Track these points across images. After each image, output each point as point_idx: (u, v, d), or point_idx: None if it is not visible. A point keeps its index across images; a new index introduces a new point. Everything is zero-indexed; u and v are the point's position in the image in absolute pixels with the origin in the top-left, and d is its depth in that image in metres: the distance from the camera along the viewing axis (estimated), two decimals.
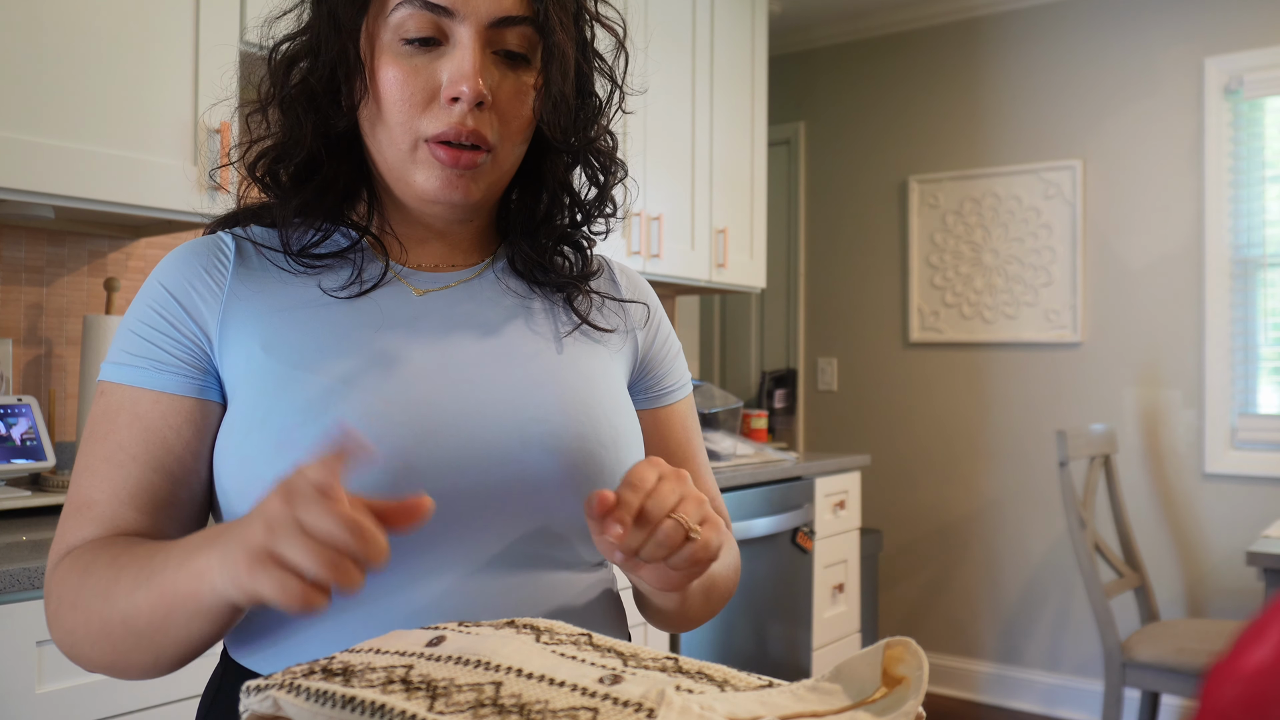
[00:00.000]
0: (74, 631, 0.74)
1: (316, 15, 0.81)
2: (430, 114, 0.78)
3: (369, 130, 0.81)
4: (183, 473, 0.79)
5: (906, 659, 0.58)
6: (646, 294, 0.97)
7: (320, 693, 0.53)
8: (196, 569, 0.66)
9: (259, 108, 0.84)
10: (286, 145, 0.82)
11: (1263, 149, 3.25)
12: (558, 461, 0.79)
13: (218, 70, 1.78)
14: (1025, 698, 3.57)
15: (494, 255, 0.91)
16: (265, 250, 0.84)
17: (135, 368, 0.79)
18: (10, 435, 1.66)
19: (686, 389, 0.98)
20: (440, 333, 0.82)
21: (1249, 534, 3.18)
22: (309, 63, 0.81)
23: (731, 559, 0.92)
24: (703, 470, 0.98)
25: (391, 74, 0.78)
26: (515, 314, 0.87)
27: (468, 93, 0.76)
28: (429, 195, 0.80)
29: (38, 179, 1.56)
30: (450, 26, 0.77)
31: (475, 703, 0.52)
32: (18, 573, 1.27)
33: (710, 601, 0.88)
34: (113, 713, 1.37)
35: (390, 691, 0.53)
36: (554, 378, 0.83)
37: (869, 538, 3.50)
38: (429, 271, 0.87)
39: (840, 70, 4.02)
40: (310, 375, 0.77)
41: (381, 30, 0.78)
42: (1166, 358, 3.36)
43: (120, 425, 0.78)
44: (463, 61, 0.76)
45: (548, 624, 0.65)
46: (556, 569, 0.81)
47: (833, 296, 4.04)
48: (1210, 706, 0.30)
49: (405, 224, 0.86)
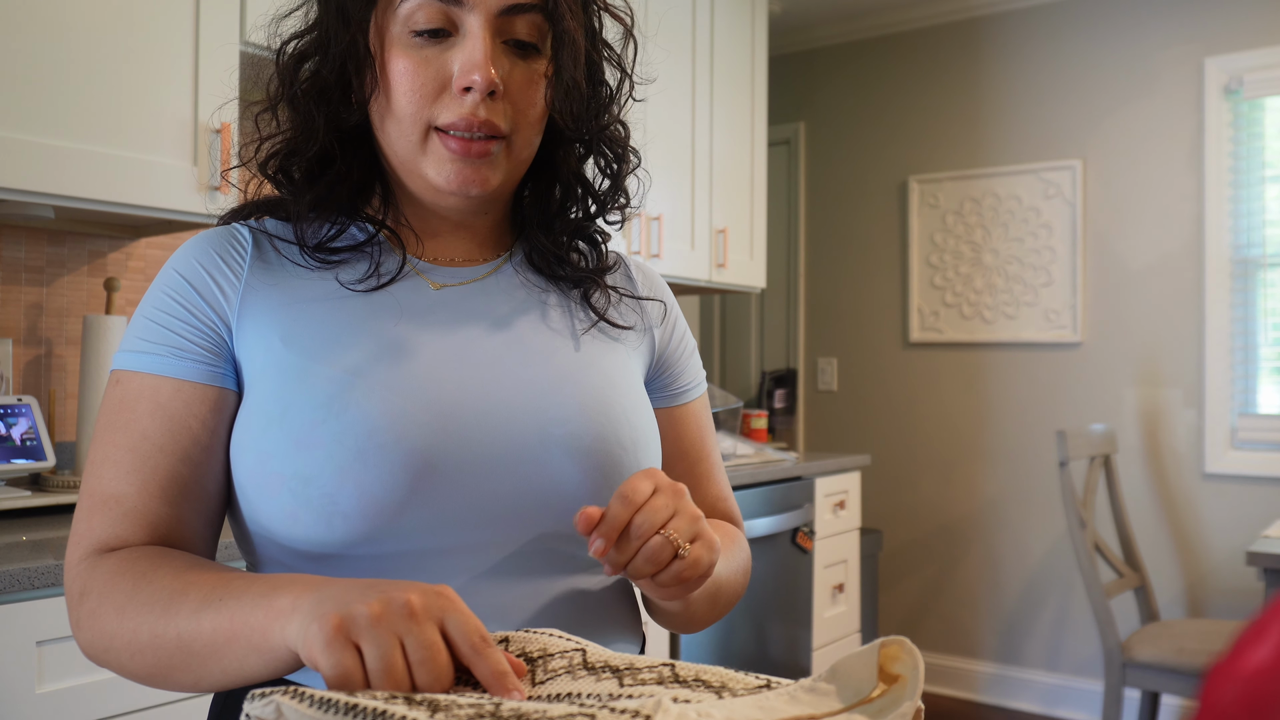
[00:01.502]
0: (114, 636, 0.70)
1: (324, 11, 0.80)
2: (441, 104, 0.77)
3: (379, 124, 0.81)
4: (207, 462, 0.78)
5: (902, 657, 0.58)
6: (663, 291, 0.97)
7: (324, 700, 0.53)
8: (277, 607, 0.63)
9: (268, 106, 0.84)
10: (299, 142, 0.82)
11: (1263, 149, 3.25)
12: (578, 464, 0.79)
13: (218, 70, 1.78)
14: (1025, 698, 3.57)
15: (511, 249, 0.90)
16: (280, 243, 0.83)
17: (155, 355, 0.77)
18: (10, 435, 1.66)
19: (701, 388, 0.98)
20: (459, 328, 0.82)
21: (1249, 534, 3.18)
22: (319, 58, 0.80)
23: (740, 561, 0.91)
24: (715, 470, 0.97)
25: (402, 65, 0.77)
26: (533, 310, 0.86)
27: (480, 81, 0.76)
28: (445, 187, 0.79)
29: (38, 179, 1.56)
30: (459, 16, 0.77)
31: (475, 715, 0.52)
32: (18, 573, 1.27)
33: (716, 606, 0.87)
34: (113, 713, 1.37)
35: (393, 704, 0.53)
36: (573, 378, 0.82)
37: (869, 538, 3.50)
38: (446, 265, 0.86)
39: (840, 70, 4.02)
40: (329, 369, 0.76)
41: (390, 22, 0.78)
42: (1166, 358, 3.36)
43: (142, 414, 0.76)
44: (474, 51, 0.76)
45: (541, 645, 0.65)
46: (574, 572, 0.81)
47: (833, 296, 4.04)
48: (1210, 706, 0.30)
49: (420, 217, 0.86)
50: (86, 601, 0.72)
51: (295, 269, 0.82)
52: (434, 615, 0.59)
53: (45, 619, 1.31)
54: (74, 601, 0.73)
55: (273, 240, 0.83)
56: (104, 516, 0.75)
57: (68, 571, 0.75)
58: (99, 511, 0.75)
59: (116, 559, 0.72)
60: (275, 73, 0.83)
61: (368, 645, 0.57)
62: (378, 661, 0.56)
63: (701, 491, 0.96)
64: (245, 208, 0.87)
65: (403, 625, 0.57)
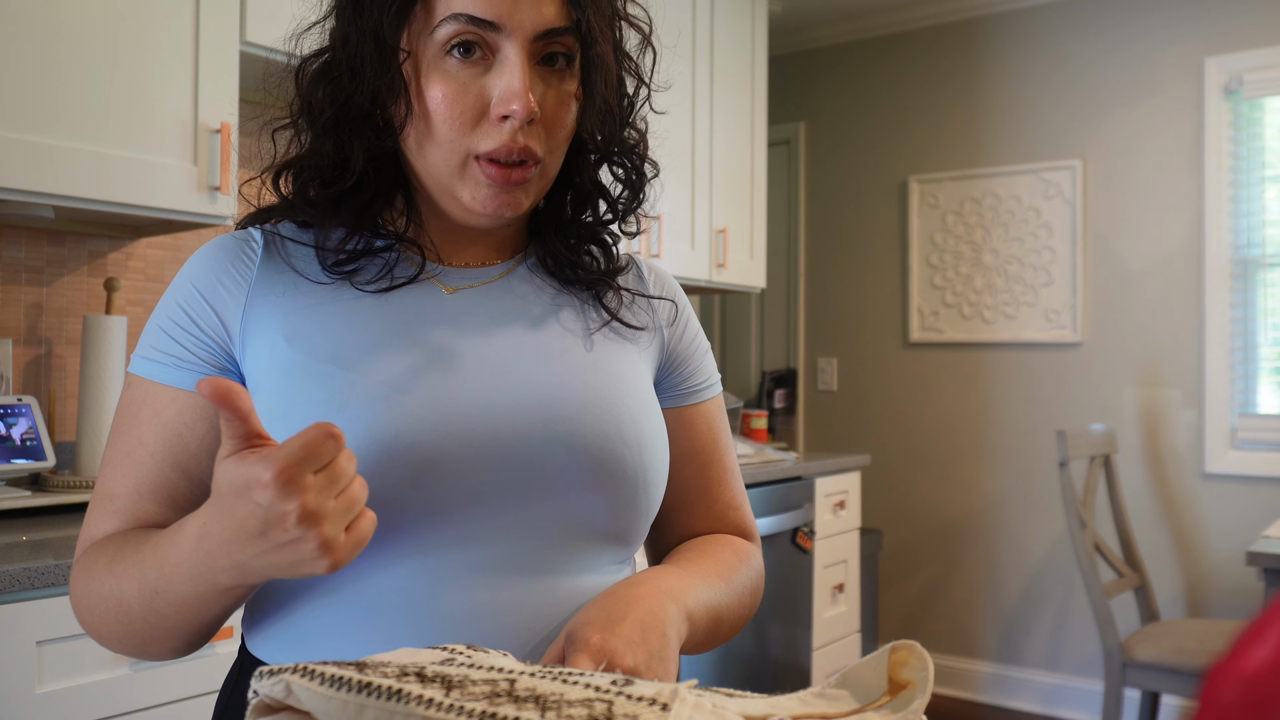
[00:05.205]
0: (100, 597, 0.75)
1: (356, 35, 0.79)
2: (481, 131, 0.77)
3: (415, 149, 0.80)
4: (198, 470, 0.79)
5: (911, 662, 0.59)
6: (674, 291, 0.97)
7: (335, 678, 0.53)
8: (190, 534, 0.68)
9: (290, 122, 0.83)
10: (331, 170, 0.81)
11: (1263, 149, 3.25)
12: (580, 461, 0.79)
13: (218, 70, 1.78)
14: (1025, 698, 3.57)
15: (524, 253, 0.90)
16: (293, 245, 0.84)
17: (157, 363, 0.80)
18: (10, 435, 1.66)
19: (714, 390, 0.97)
20: (469, 329, 0.82)
21: (1249, 534, 3.18)
22: (352, 84, 0.79)
23: (744, 583, 0.89)
24: (728, 476, 0.96)
25: (440, 92, 0.77)
26: (547, 311, 0.86)
27: (520, 110, 0.75)
28: (479, 210, 0.80)
29: (38, 179, 1.56)
30: (495, 40, 0.77)
31: (490, 694, 0.52)
32: (18, 573, 1.27)
33: (717, 635, 0.86)
34: (113, 713, 1.37)
35: (406, 681, 0.52)
36: (580, 376, 0.82)
37: (869, 538, 3.50)
38: (459, 268, 0.86)
39: (840, 70, 4.02)
40: (332, 368, 0.77)
41: (426, 47, 0.77)
42: (1166, 358, 3.36)
43: (141, 420, 0.79)
44: (512, 79, 0.76)
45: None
46: (577, 574, 0.80)
47: (833, 296, 4.04)
48: (1210, 706, 0.30)
49: (441, 229, 0.86)
50: (77, 581, 0.77)
51: (305, 271, 0.82)
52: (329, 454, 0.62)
53: (45, 619, 1.31)
54: (71, 587, 0.79)
55: (285, 244, 0.84)
56: (99, 513, 0.80)
57: (73, 564, 0.81)
58: (97, 508, 0.80)
59: (103, 538, 0.78)
60: (297, 95, 0.82)
61: (325, 506, 0.61)
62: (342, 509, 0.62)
63: (711, 497, 0.95)
64: (262, 212, 0.87)
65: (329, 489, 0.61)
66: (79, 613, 0.78)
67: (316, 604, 0.76)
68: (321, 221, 0.82)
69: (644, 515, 0.84)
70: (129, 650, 0.77)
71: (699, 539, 0.93)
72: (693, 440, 0.94)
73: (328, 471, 0.61)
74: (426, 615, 0.75)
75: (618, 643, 0.69)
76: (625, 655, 0.68)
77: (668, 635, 0.73)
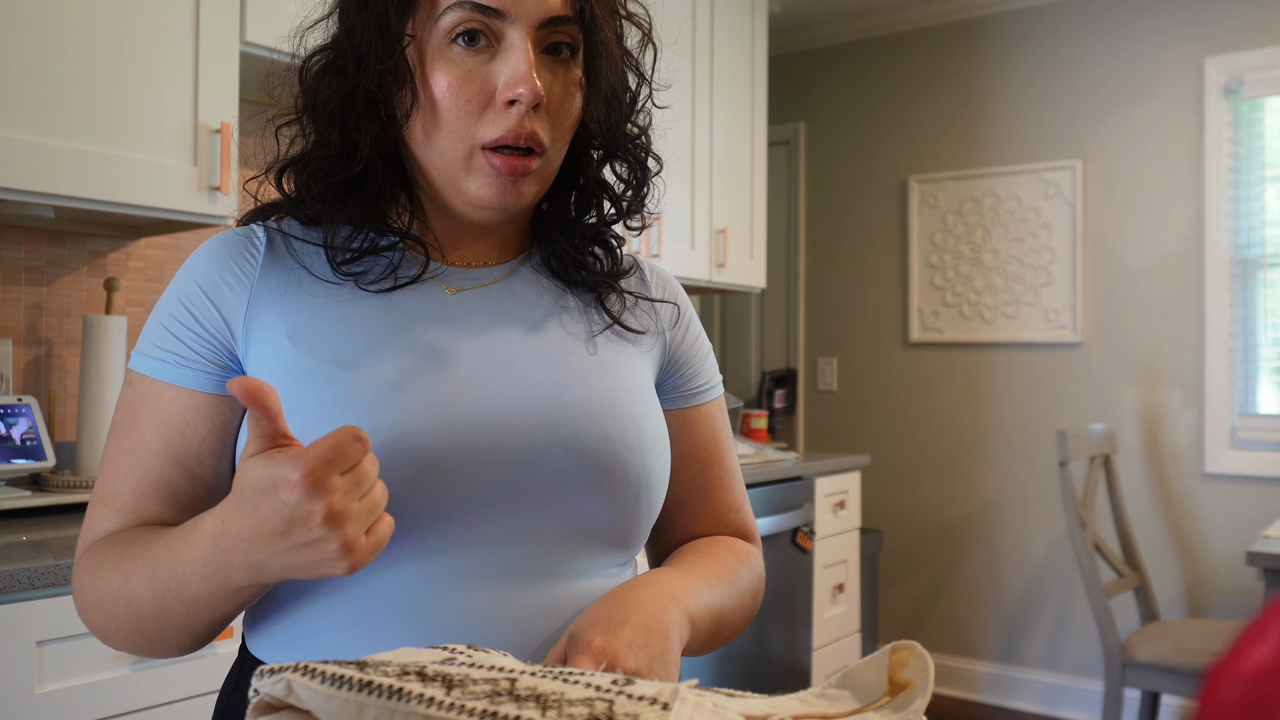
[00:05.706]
0: (106, 595, 0.75)
1: (360, 25, 0.78)
2: (487, 119, 0.77)
3: (421, 139, 0.79)
4: (200, 469, 0.79)
5: (912, 663, 0.59)
6: (676, 293, 0.97)
7: (336, 677, 0.53)
8: (206, 533, 0.68)
9: (294, 118, 0.83)
10: (336, 160, 0.80)
11: (1263, 149, 3.25)
12: (581, 463, 0.78)
13: (218, 70, 1.78)
14: (1025, 698, 3.57)
15: (527, 253, 0.90)
16: (297, 243, 0.83)
17: (159, 361, 0.79)
18: (10, 435, 1.66)
19: (716, 392, 0.97)
20: (472, 330, 0.82)
21: (1249, 534, 3.18)
22: (357, 74, 0.79)
23: (745, 585, 0.89)
24: (729, 478, 0.96)
25: (445, 81, 0.77)
26: (549, 313, 0.86)
27: (526, 94, 0.75)
28: (483, 202, 0.79)
29: (38, 179, 1.56)
30: (500, 28, 0.77)
31: (491, 693, 0.52)
32: (18, 572, 1.27)
33: (719, 636, 0.86)
34: (113, 713, 1.37)
35: (407, 680, 0.52)
36: (582, 379, 0.82)
37: (869, 538, 3.50)
38: (462, 268, 0.86)
39: (840, 70, 4.02)
40: (336, 368, 0.76)
41: (430, 35, 0.77)
42: (1166, 358, 3.36)
43: (143, 418, 0.79)
44: (518, 64, 0.76)
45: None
46: (578, 577, 0.80)
47: (833, 296, 4.04)
48: (1210, 706, 0.30)
49: (445, 226, 0.85)
50: (82, 580, 0.77)
51: (312, 268, 0.82)
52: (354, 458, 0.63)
53: (45, 619, 1.31)
54: (75, 586, 0.78)
55: (289, 241, 0.83)
56: (101, 511, 0.79)
57: (75, 562, 0.80)
58: (98, 507, 0.80)
59: (110, 536, 0.77)
60: (301, 90, 0.82)
61: (350, 507, 0.62)
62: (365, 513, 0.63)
63: (712, 499, 0.95)
64: (265, 208, 0.87)
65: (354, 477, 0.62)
66: (84, 611, 0.77)
67: (317, 605, 0.76)
68: (329, 215, 0.81)
69: (645, 518, 0.84)
70: (136, 648, 0.77)
71: (700, 541, 0.93)
72: (694, 442, 0.94)
73: (353, 474, 0.61)
74: (427, 617, 0.74)
75: (620, 645, 0.69)
76: (627, 657, 0.68)
77: (670, 638, 0.73)
